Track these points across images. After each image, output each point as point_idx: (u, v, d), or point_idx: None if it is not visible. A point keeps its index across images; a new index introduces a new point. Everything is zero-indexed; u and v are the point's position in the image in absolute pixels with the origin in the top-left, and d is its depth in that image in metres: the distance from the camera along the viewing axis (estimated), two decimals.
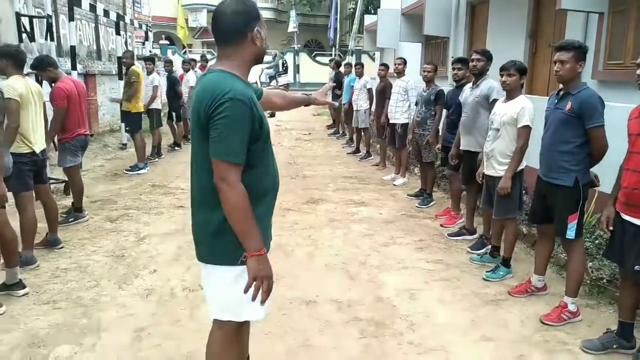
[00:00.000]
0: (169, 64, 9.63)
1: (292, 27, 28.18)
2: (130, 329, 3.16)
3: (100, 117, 10.62)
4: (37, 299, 3.55)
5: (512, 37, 7.88)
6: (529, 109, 3.77)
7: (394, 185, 7.15)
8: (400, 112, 7.11)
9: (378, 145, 8.79)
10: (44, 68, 4.87)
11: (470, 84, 4.81)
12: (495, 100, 4.32)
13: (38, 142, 4.22)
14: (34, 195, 4.24)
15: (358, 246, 4.66)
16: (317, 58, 28.36)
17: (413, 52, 12.78)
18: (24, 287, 3.60)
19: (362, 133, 9.43)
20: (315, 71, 26.54)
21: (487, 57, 4.66)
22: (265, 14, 32.24)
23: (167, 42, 25.42)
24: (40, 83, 5.30)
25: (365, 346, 3.01)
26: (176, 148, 9.59)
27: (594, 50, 6.05)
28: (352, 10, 26.41)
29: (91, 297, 3.57)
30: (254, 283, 1.82)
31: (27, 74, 5.17)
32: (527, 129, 3.77)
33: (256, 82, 18.16)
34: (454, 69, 5.21)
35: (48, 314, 3.33)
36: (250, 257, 1.82)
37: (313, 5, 31.59)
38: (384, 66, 8.25)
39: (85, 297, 3.58)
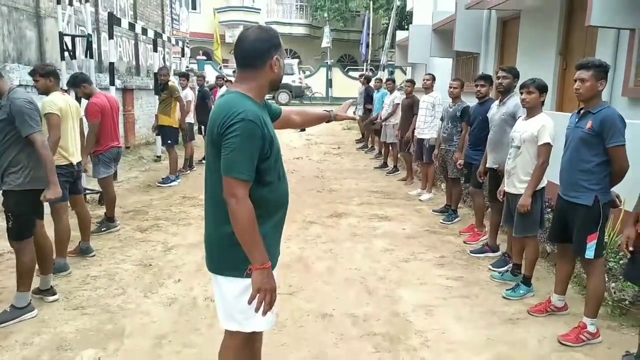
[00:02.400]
0: (201, 78, 9.92)
1: (325, 42, 28.50)
2: (152, 335, 3.29)
3: (136, 130, 11.00)
4: (67, 304, 3.73)
5: (542, 53, 7.81)
6: (549, 126, 3.75)
7: (420, 200, 7.15)
8: (428, 127, 7.14)
9: (404, 160, 8.81)
10: (78, 85, 5.14)
11: (497, 101, 4.81)
12: None
13: (75, 154, 4.45)
14: (68, 205, 4.47)
15: (378, 261, 4.70)
16: (350, 73, 28.59)
17: (444, 67, 12.77)
18: (54, 293, 3.79)
19: (390, 148, 9.48)
20: (347, 86, 26.71)
21: (514, 74, 4.66)
22: (300, 30, 32.79)
23: (204, 57, 26.10)
24: (78, 100, 5.59)
25: None
26: (203, 162, 9.79)
27: (624, 67, 5.95)
28: (385, 25, 26.55)
29: (117, 304, 3.73)
30: (258, 295, 1.92)
31: (67, 91, 5.49)
32: (547, 146, 3.74)
33: None
34: (476, 85, 5.21)
35: (76, 318, 3.50)
36: (255, 270, 1.91)
37: (347, 21, 31.87)
38: (411, 82, 8.32)
39: (112, 304, 3.74)
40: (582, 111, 3.31)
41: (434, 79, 7.35)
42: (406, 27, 19.29)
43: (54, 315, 3.54)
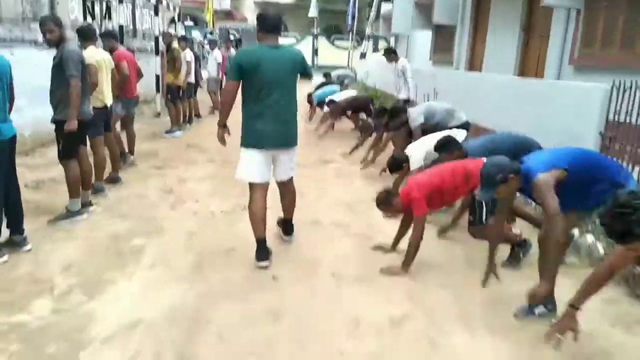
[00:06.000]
0: (184, 42, 10.55)
1: (312, 12, 29.01)
2: (184, 232, 4.30)
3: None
4: (110, 214, 4.69)
5: (508, 29, 8.82)
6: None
7: None
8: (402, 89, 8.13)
9: None
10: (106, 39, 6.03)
11: None
12: None
13: (108, 98, 5.35)
14: (103, 139, 5.38)
15: (358, 190, 5.77)
16: (336, 42, 29.27)
17: (425, 38, 13.70)
18: (92, 205, 4.71)
19: None
20: (333, 55, 27.48)
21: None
22: None
23: (192, 23, 26.48)
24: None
25: (356, 248, 4.11)
26: (196, 118, 10.56)
27: (571, 40, 7.01)
28: None
29: (151, 215, 4.71)
30: None
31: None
32: None
33: None
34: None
35: (121, 223, 4.47)
36: None
37: None
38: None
39: (146, 214, 4.72)
40: None
41: (389, 52, 8.27)
42: None
43: (103, 221, 4.50)
